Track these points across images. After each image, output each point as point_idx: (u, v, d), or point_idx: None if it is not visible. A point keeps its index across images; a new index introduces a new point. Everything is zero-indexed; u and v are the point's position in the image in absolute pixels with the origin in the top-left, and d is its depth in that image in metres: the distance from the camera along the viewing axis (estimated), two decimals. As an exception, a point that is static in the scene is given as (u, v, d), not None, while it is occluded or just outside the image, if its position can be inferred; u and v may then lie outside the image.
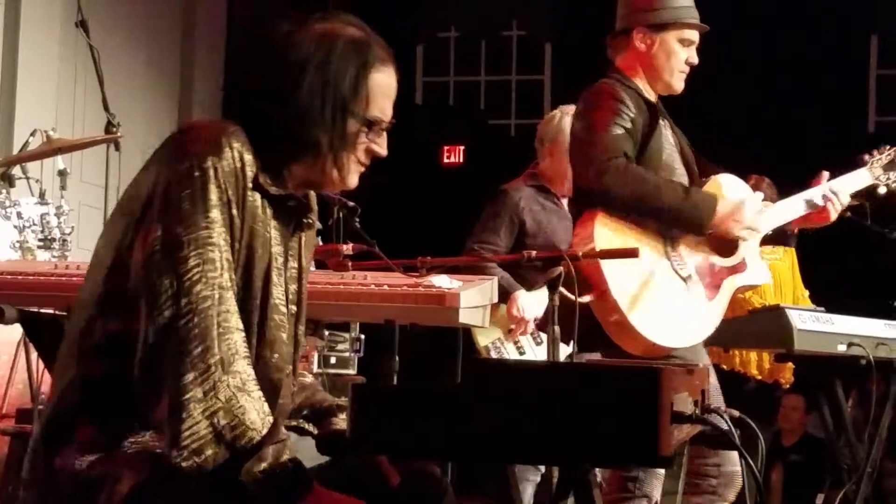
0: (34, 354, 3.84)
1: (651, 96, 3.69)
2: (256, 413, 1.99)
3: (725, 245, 3.63)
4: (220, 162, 2.04)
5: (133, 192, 2.10)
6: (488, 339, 4.71)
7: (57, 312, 3.39)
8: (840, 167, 3.90)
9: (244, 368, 2.01)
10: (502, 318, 4.64)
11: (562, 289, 3.04)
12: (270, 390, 2.11)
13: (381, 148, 2.21)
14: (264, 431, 1.98)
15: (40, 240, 4.23)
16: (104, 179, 4.52)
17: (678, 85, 3.71)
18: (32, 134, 4.59)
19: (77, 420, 2.05)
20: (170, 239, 2.00)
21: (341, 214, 3.29)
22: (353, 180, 2.21)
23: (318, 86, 2.12)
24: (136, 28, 7.83)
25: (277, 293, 2.17)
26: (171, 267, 1.99)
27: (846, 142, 5.95)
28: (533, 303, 4.60)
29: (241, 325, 2.04)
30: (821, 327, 4.10)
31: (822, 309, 4.28)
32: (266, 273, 2.14)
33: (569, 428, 1.90)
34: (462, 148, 9.50)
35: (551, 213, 4.75)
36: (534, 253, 3.26)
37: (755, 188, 3.86)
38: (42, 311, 3.44)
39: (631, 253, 3.31)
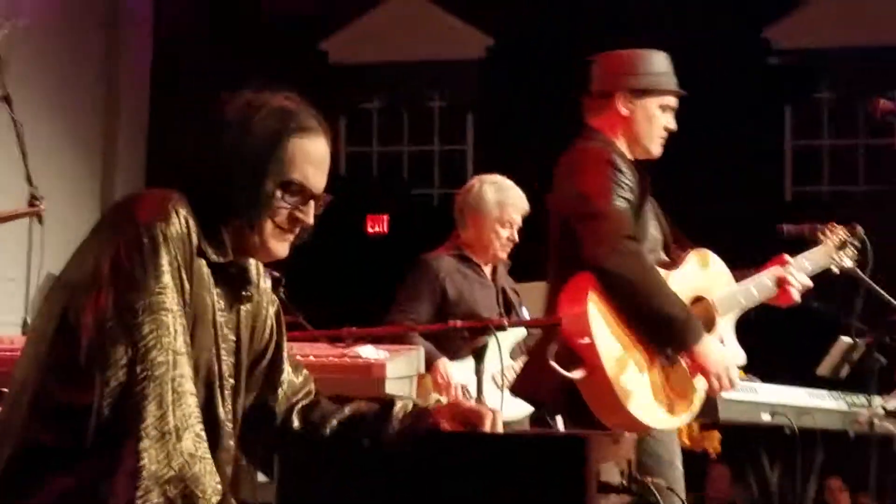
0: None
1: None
2: (208, 482, 1.97)
3: (704, 324, 3.54)
4: (168, 228, 2.03)
5: (77, 262, 2.08)
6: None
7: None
8: (760, 238, 3.93)
9: (198, 434, 1.99)
10: (424, 389, 4.59)
11: (553, 363, 3.02)
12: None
13: (305, 216, 2.17)
14: (214, 501, 1.96)
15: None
16: (26, 254, 4.44)
17: (656, 150, 3.67)
18: (-46, 207, 4.52)
19: (13, 497, 1.99)
20: (123, 306, 1.98)
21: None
22: (276, 247, 2.18)
23: (236, 147, 2.12)
24: (60, 103, 7.79)
25: (223, 363, 2.15)
26: (125, 334, 1.97)
27: (764, 212, 6.03)
28: (457, 370, 4.57)
29: (194, 390, 2.02)
30: (745, 396, 4.11)
31: (757, 378, 4.30)
32: (211, 341, 2.12)
33: (493, 499, 1.88)
34: (386, 217, 9.50)
35: (473, 282, 4.74)
36: (459, 322, 3.24)
37: None
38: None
39: (554, 323, 3.30)
